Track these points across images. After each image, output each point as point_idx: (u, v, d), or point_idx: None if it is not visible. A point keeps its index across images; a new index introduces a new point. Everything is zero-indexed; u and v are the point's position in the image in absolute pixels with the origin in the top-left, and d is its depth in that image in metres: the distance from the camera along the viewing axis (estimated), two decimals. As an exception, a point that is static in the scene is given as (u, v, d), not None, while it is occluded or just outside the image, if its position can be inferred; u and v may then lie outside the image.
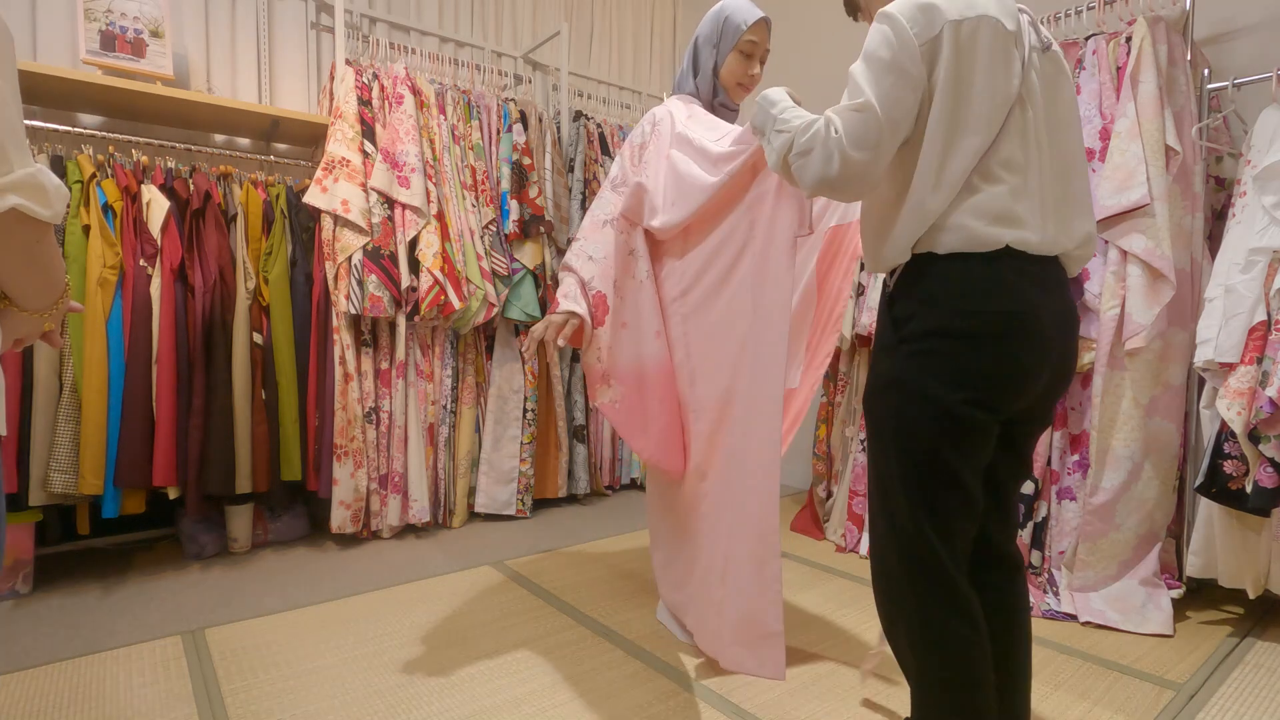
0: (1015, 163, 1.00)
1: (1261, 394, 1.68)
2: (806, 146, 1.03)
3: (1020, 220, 0.99)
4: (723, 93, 1.69)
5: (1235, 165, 2.04)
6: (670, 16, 3.97)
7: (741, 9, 1.61)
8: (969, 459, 1.02)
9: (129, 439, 2.05)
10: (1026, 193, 1.00)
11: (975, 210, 0.99)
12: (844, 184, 1.01)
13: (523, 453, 2.83)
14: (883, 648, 1.40)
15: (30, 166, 0.63)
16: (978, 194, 1.00)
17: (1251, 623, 1.88)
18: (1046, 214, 1.01)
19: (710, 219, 1.57)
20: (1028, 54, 1.02)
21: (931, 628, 1.03)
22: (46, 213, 0.65)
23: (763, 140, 1.17)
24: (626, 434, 1.62)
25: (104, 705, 1.44)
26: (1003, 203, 0.99)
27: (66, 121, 2.28)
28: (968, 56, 0.98)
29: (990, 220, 0.99)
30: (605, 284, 1.60)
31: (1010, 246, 0.98)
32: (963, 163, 0.99)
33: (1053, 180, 1.03)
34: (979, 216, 0.99)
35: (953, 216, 1.00)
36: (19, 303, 0.73)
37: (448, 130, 2.70)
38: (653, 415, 1.63)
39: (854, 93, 1.00)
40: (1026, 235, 0.99)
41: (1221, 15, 2.13)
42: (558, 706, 1.45)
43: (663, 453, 1.62)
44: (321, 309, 2.43)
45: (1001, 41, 0.98)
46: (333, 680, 1.54)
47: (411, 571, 2.22)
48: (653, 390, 1.63)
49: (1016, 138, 1.00)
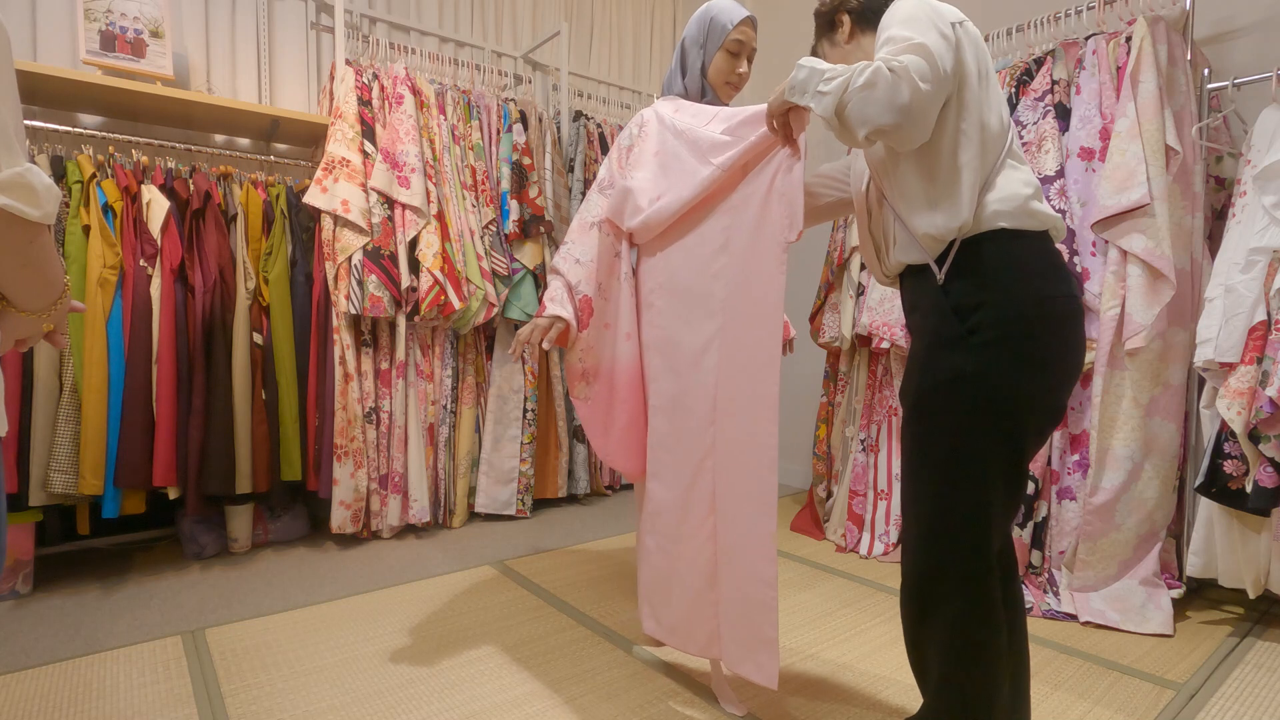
0: (1018, 153, 1.05)
1: (1261, 394, 1.68)
2: (870, 80, 0.96)
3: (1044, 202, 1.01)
4: (711, 92, 1.70)
5: (1235, 165, 2.04)
6: (670, 16, 3.97)
7: (727, 9, 1.63)
8: (1034, 452, 1.00)
9: (129, 439, 2.05)
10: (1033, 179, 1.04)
11: (1023, 182, 1.00)
12: (914, 115, 0.95)
13: (523, 453, 2.83)
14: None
15: (18, 166, 0.62)
16: (1017, 170, 1.01)
17: (1251, 622, 1.88)
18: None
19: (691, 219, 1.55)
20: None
21: (970, 636, 1.00)
22: (36, 213, 0.64)
23: (802, 98, 1.08)
24: (590, 431, 1.64)
25: (104, 705, 1.44)
26: (1034, 182, 1.01)
27: (66, 122, 2.28)
28: (979, 48, 1.04)
29: (1036, 195, 1.00)
30: (591, 287, 1.62)
31: (1051, 229, 1.02)
32: (998, 141, 1.03)
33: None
34: (1027, 186, 1.00)
35: (1004, 190, 1.00)
36: (17, 304, 0.73)
37: (448, 130, 2.70)
38: (615, 415, 1.64)
39: (899, 44, 0.98)
40: (1056, 217, 1.01)
41: (1221, 15, 2.13)
42: (558, 706, 1.45)
43: (621, 453, 1.64)
44: (321, 309, 2.43)
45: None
46: (333, 680, 1.54)
47: (411, 571, 2.22)
48: (619, 391, 1.65)
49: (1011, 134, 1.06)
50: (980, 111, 1.02)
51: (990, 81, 1.05)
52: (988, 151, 1.02)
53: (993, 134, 1.03)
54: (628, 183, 1.61)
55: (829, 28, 1.25)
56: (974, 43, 1.04)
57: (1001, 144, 1.03)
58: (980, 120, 1.02)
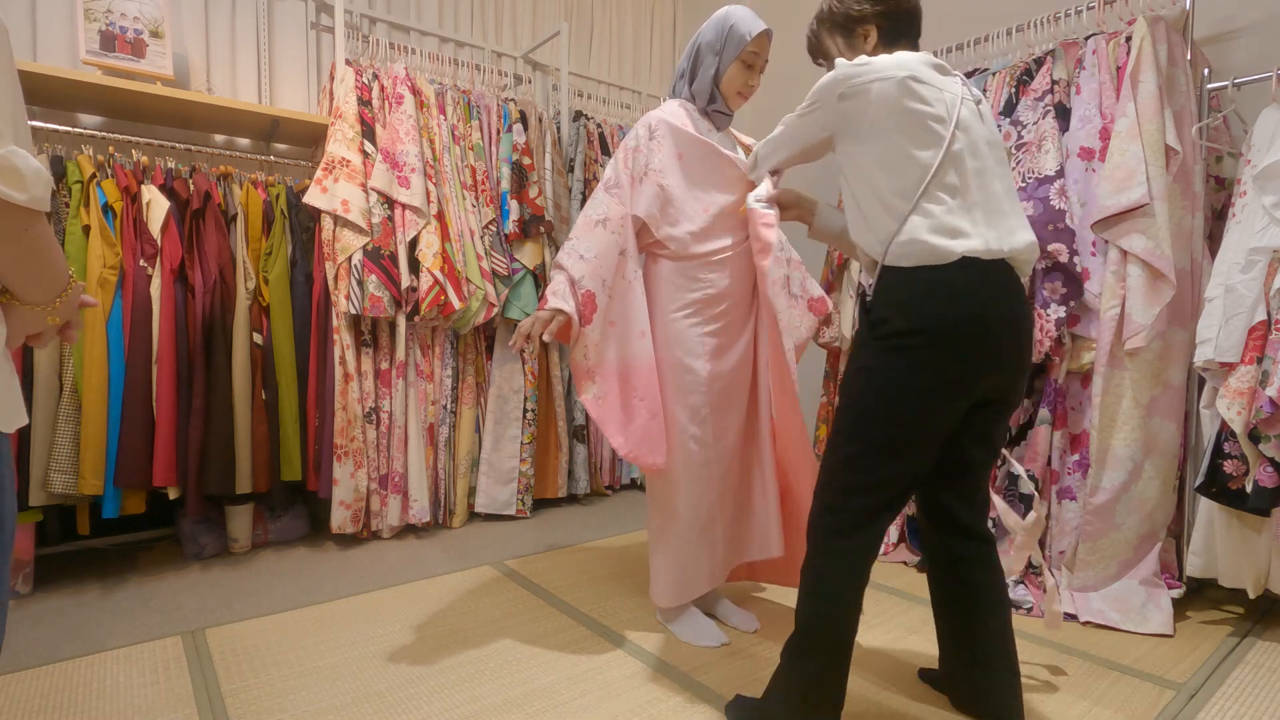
0: (952, 186, 1.21)
1: (1261, 394, 1.68)
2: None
3: (965, 233, 1.19)
4: (720, 99, 1.73)
5: (1235, 165, 2.04)
6: (670, 16, 3.97)
7: (746, 19, 1.65)
8: (921, 437, 1.23)
9: (129, 439, 2.05)
10: (965, 210, 1.21)
11: (929, 228, 1.19)
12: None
13: (523, 453, 2.83)
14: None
15: (2, 148, 0.60)
16: (929, 215, 1.20)
17: (1251, 622, 1.88)
18: (988, 225, 1.22)
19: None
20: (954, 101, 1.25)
21: (817, 576, 1.27)
22: (22, 196, 0.62)
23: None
24: (607, 429, 1.65)
25: (104, 705, 1.44)
26: (950, 219, 1.19)
27: (66, 122, 2.28)
28: (890, 103, 1.22)
29: (943, 235, 1.19)
30: (595, 283, 1.63)
31: (965, 256, 1.19)
32: (910, 186, 1.22)
33: (983, 199, 1.24)
34: (933, 233, 1.19)
35: (912, 234, 1.20)
36: (20, 296, 0.71)
37: (448, 130, 2.70)
38: (634, 412, 1.66)
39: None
40: (973, 244, 1.19)
41: (1221, 15, 2.13)
42: (558, 706, 1.45)
43: (642, 448, 1.65)
44: (321, 309, 2.43)
45: (914, 88, 1.22)
46: (333, 680, 1.54)
47: (411, 571, 2.22)
48: (636, 388, 1.65)
49: (950, 166, 1.21)
50: (876, 160, 1.24)
51: (901, 132, 1.21)
52: (898, 196, 1.22)
53: (900, 180, 1.22)
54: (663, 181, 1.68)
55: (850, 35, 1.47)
56: (880, 99, 1.22)
57: (916, 189, 1.20)
58: (879, 166, 1.24)
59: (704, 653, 1.69)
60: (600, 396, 1.65)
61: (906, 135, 1.21)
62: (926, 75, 1.24)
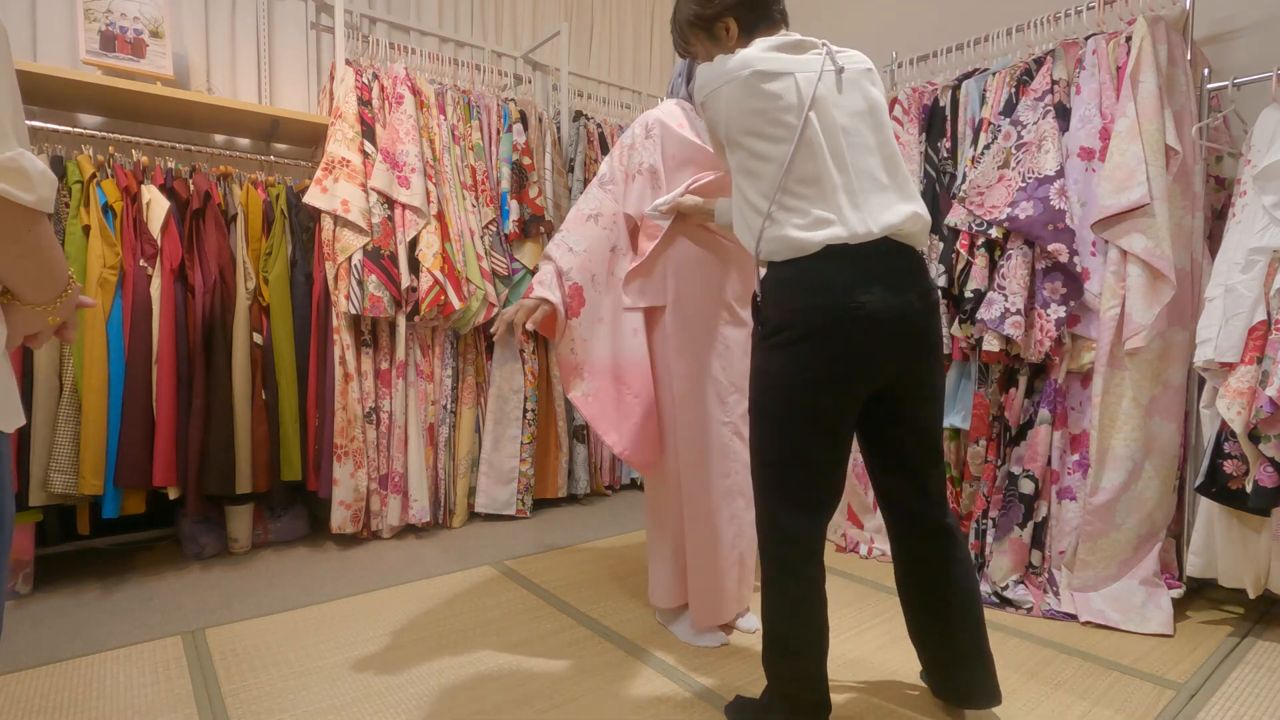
0: (809, 176, 1.18)
1: (1261, 394, 1.68)
2: None
3: (828, 220, 1.17)
4: None
5: (1235, 165, 2.04)
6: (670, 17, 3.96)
7: None
8: (819, 430, 1.22)
9: (129, 439, 2.05)
10: (824, 197, 1.18)
11: (794, 225, 1.18)
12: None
13: (523, 453, 2.83)
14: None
15: (10, 150, 0.61)
16: (790, 209, 1.19)
17: (1251, 622, 1.88)
18: (853, 207, 1.18)
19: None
20: (809, 81, 1.20)
21: (765, 560, 1.28)
22: (30, 197, 0.62)
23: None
24: (600, 428, 1.65)
25: (104, 705, 1.44)
26: (811, 209, 1.18)
27: (66, 122, 2.28)
28: (740, 108, 1.22)
29: (804, 228, 1.17)
30: (583, 276, 1.63)
31: (828, 245, 1.17)
32: (768, 187, 1.21)
33: (846, 180, 1.20)
34: (795, 227, 1.18)
35: (775, 232, 1.20)
36: (20, 296, 0.71)
37: (448, 130, 2.70)
38: (627, 410, 1.65)
39: None
40: (836, 231, 1.17)
41: (1221, 15, 2.13)
42: (558, 706, 1.45)
43: (635, 446, 1.65)
44: (321, 309, 2.43)
45: (758, 85, 1.20)
46: (333, 680, 1.54)
47: (411, 572, 2.22)
48: (628, 386, 1.65)
49: (806, 155, 1.18)
50: (737, 167, 1.26)
51: (752, 135, 1.21)
52: (760, 197, 1.22)
53: (759, 183, 1.22)
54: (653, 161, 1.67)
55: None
56: (729, 105, 1.22)
57: (773, 187, 1.20)
58: (741, 173, 1.25)
59: (704, 653, 1.69)
60: (590, 394, 1.65)
61: (758, 136, 1.21)
62: (773, 64, 1.20)
